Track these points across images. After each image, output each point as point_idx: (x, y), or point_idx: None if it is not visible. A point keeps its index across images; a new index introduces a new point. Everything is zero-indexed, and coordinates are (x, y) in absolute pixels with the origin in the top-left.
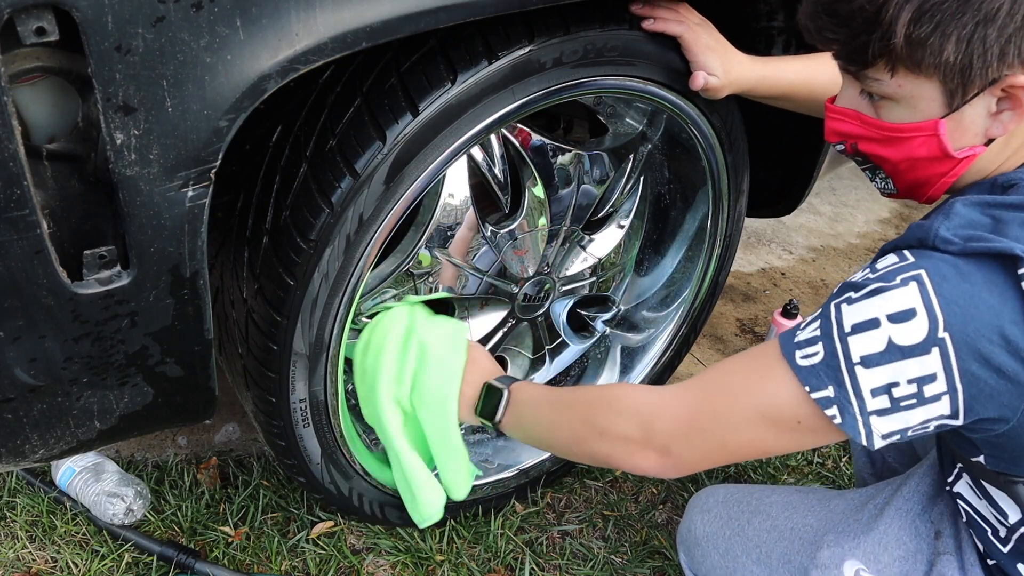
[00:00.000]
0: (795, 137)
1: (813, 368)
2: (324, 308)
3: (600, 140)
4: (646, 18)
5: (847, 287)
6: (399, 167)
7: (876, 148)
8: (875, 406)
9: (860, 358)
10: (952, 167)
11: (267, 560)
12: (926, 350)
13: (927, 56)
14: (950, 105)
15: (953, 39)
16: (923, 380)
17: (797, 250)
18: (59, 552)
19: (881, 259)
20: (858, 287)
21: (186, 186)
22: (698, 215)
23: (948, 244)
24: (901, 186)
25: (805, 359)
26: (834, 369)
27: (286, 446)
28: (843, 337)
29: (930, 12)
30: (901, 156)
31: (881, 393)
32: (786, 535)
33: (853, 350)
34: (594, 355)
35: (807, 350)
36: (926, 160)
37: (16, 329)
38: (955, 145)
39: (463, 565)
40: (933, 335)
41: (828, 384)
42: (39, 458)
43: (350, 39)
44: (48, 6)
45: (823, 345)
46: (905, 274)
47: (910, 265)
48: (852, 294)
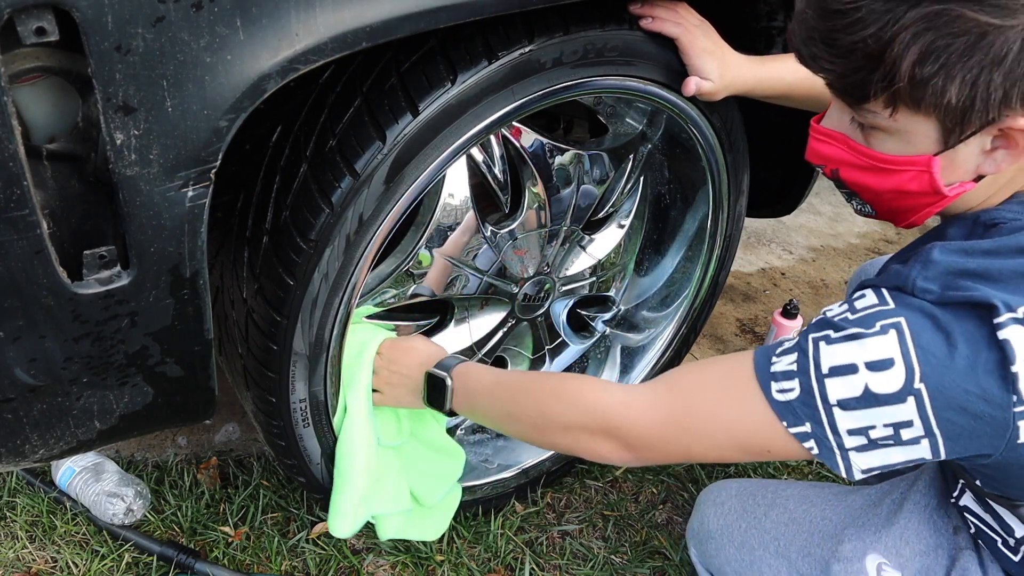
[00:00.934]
0: (795, 137)
1: (789, 404)
2: (324, 308)
3: (600, 140)
4: (644, 17)
5: (825, 324)
6: (399, 167)
7: (860, 176)
8: (853, 444)
9: (836, 400)
10: (939, 200)
11: (267, 560)
12: (901, 399)
13: (928, 96)
14: (945, 143)
15: (958, 81)
16: (899, 425)
17: (797, 250)
18: (59, 552)
19: (860, 298)
20: (837, 327)
21: (186, 186)
22: (698, 215)
23: (926, 293)
24: (880, 211)
25: (781, 393)
26: (811, 408)
27: (286, 446)
28: (820, 378)
29: (936, 53)
30: (888, 187)
31: (858, 434)
32: (805, 528)
33: (830, 392)
34: (594, 355)
35: (783, 384)
36: (914, 193)
37: (16, 329)
38: (946, 180)
39: (463, 565)
40: (909, 385)
41: (805, 421)
42: (39, 458)
43: (350, 39)
44: (48, 6)
45: (799, 382)
46: (884, 320)
47: (890, 312)
48: (831, 333)
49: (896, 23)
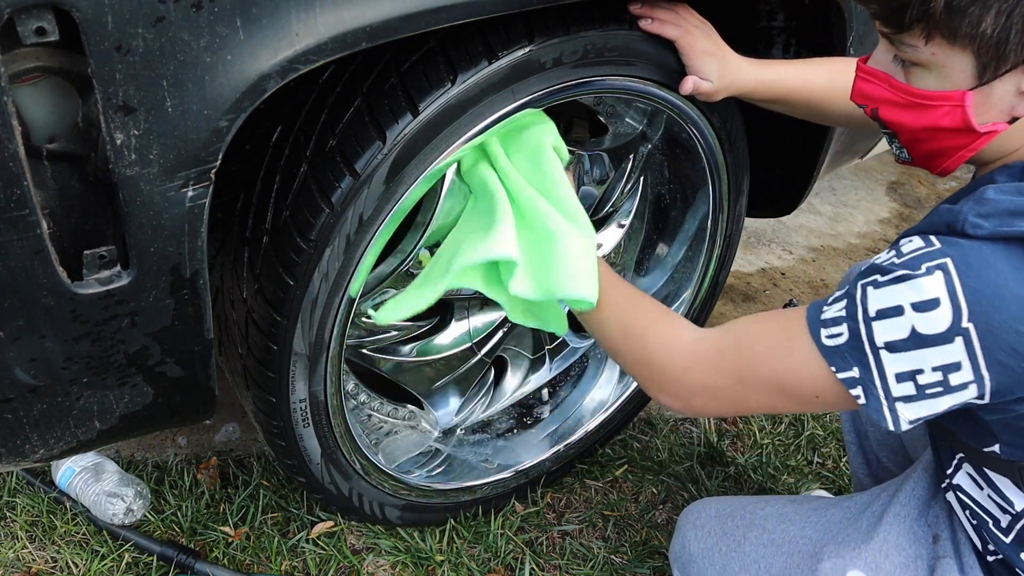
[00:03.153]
0: (795, 137)
1: (838, 348)
2: (324, 308)
3: (600, 140)
4: (644, 18)
5: (873, 269)
6: (399, 167)
7: (898, 114)
8: (900, 392)
9: (884, 343)
10: (972, 141)
11: (267, 560)
12: (948, 339)
13: (964, 25)
14: (980, 78)
15: (993, 11)
16: (948, 368)
17: (797, 250)
18: (59, 552)
19: (907, 242)
20: (884, 271)
21: (186, 186)
22: (698, 215)
23: (977, 228)
24: (916, 155)
25: (830, 339)
26: (859, 351)
27: (286, 446)
28: (867, 321)
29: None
30: (923, 124)
31: (906, 379)
32: (784, 548)
33: (877, 335)
34: (594, 355)
35: (832, 329)
36: (948, 131)
37: (16, 329)
38: (979, 119)
39: (463, 565)
40: (956, 325)
41: (853, 365)
42: (39, 458)
43: (350, 39)
44: (48, 6)
45: (847, 326)
46: (931, 262)
47: (936, 252)
48: (879, 277)
49: None
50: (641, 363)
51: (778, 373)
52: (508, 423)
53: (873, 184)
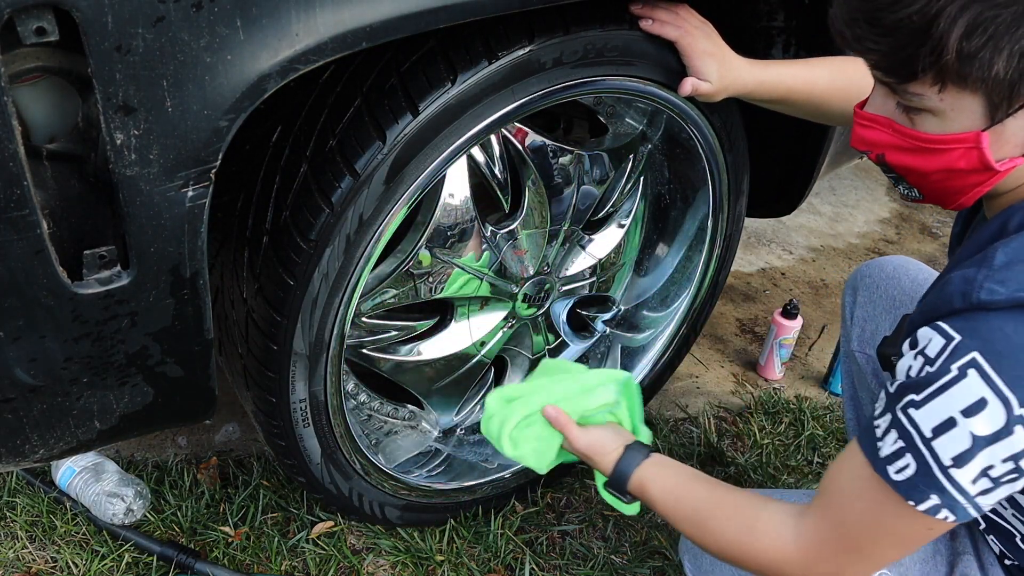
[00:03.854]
0: (795, 137)
1: (911, 481)
2: (324, 308)
3: (600, 140)
4: (644, 19)
5: (906, 389)
6: (399, 167)
7: (907, 159)
8: (978, 490)
9: (951, 460)
10: (989, 178)
11: (267, 560)
12: (1010, 431)
13: (976, 70)
14: (992, 117)
15: (1005, 53)
16: (1017, 456)
17: (797, 250)
18: (59, 552)
19: (927, 343)
20: (918, 387)
21: (186, 186)
22: (698, 215)
23: (993, 294)
24: (928, 194)
25: (899, 473)
26: (930, 477)
27: (286, 446)
28: (927, 443)
29: (983, 25)
30: (936, 167)
31: (980, 478)
32: None
33: (942, 454)
34: (594, 355)
35: (898, 463)
36: (964, 172)
37: (16, 329)
38: (996, 156)
39: (463, 565)
40: (1011, 415)
41: (931, 494)
42: (39, 458)
43: (350, 39)
44: (48, 6)
45: (912, 457)
46: (959, 361)
47: (960, 348)
48: (914, 397)
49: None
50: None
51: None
52: None
53: (873, 184)
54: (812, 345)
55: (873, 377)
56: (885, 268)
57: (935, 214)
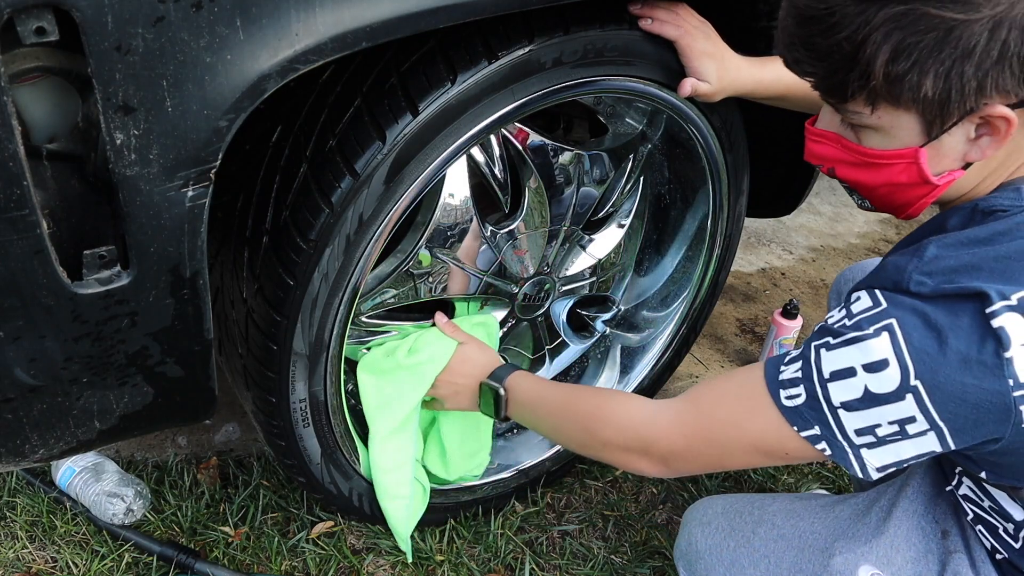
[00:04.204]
0: (795, 137)
1: (797, 409)
2: (324, 308)
3: (600, 140)
4: (644, 19)
5: (825, 331)
6: (399, 167)
7: (854, 173)
8: (862, 442)
9: (840, 403)
10: (931, 191)
11: (267, 560)
12: (900, 397)
13: (905, 91)
14: (929, 134)
15: (931, 75)
16: (903, 421)
17: (797, 250)
18: (59, 552)
19: (856, 301)
20: (835, 333)
21: (186, 186)
22: (698, 215)
23: (921, 286)
24: (878, 206)
25: (789, 400)
26: (817, 411)
27: (286, 446)
28: (823, 383)
29: (907, 50)
30: (880, 181)
31: (866, 433)
32: (794, 544)
33: (833, 395)
34: (594, 355)
35: (791, 391)
36: (905, 185)
37: (16, 329)
38: (934, 170)
39: (463, 565)
40: (905, 383)
41: (814, 424)
42: (39, 458)
43: (350, 39)
44: (48, 6)
45: (804, 388)
46: (877, 324)
47: (882, 312)
48: (830, 339)
49: (867, 25)
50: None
51: (746, 435)
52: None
53: None
54: None
55: None
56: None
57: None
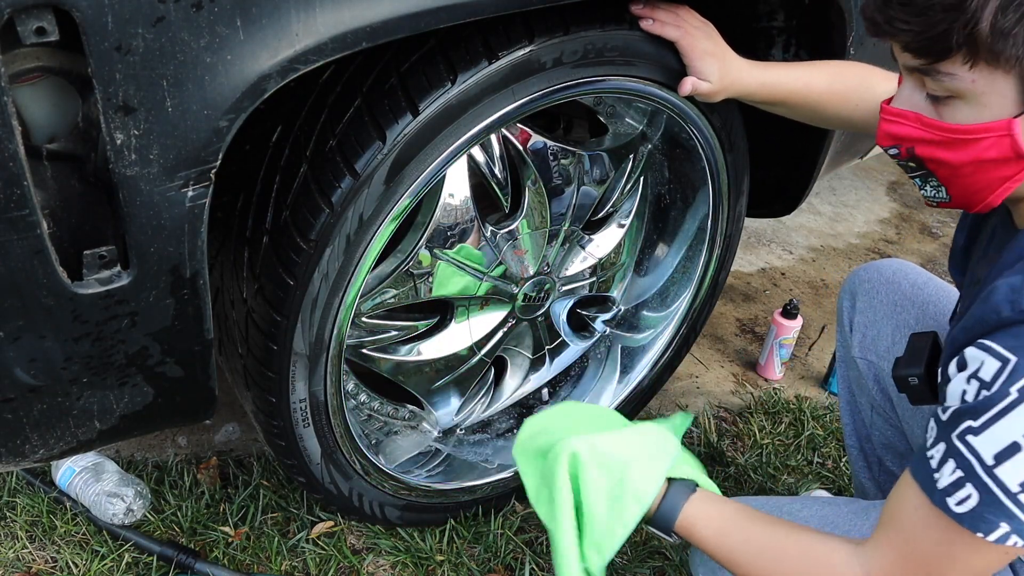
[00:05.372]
0: (795, 137)
1: (975, 512)
2: (324, 308)
3: (600, 140)
4: (645, 19)
5: (962, 415)
6: (399, 167)
7: (937, 151)
8: None
9: (1019, 486)
10: (1020, 170)
11: (267, 560)
12: None
13: (1009, 47)
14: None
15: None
16: None
17: (797, 250)
18: (59, 552)
19: (979, 367)
20: (975, 412)
21: (186, 186)
22: (698, 215)
23: None
24: (956, 192)
25: (960, 505)
26: (996, 505)
27: (286, 446)
28: (990, 471)
29: (1018, 1)
30: (966, 159)
31: None
32: None
33: (1007, 480)
34: (594, 355)
35: (958, 495)
36: (994, 162)
37: (16, 329)
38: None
39: (463, 565)
40: None
41: (999, 522)
42: (39, 458)
43: (350, 39)
44: (48, 6)
45: (974, 487)
46: (1019, 383)
47: (1018, 368)
48: (972, 423)
49: None
50: None
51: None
52: (508, 423)
53: (873, 184)
54: (812, 345)
55: (874, 383)
56: (883, 272)
57: (935, 214)
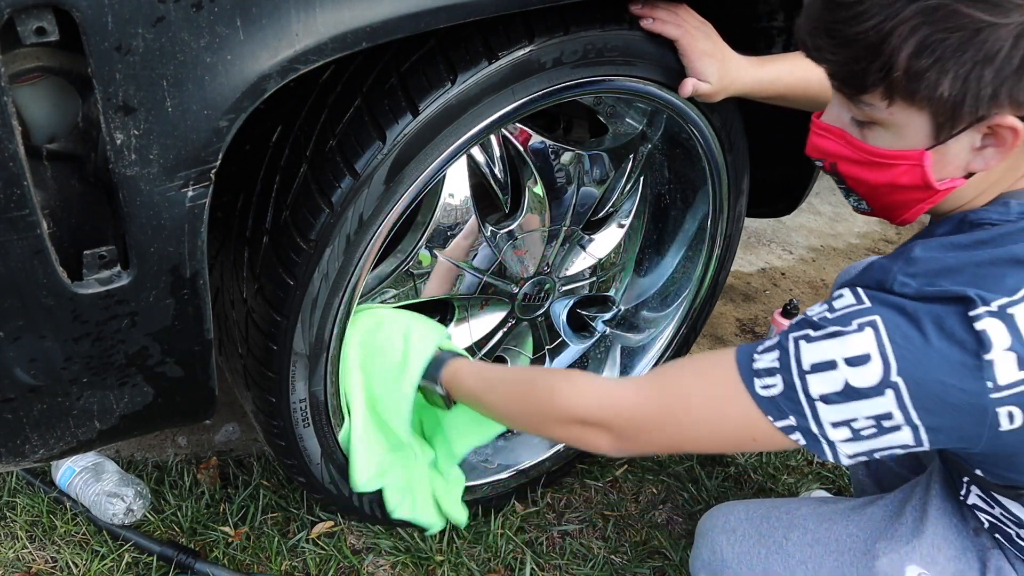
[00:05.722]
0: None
1: (773, 400)
2: (324, 308)
3: (600, 140)
4: (644, 18)
5: (805, 323)
6: (399, 167)
7: (856, 170)
8: (837, 436)
9: (819, 395)
10: (930, 196)
11: (267, 560)
12: (880, 392)
13: (923, 88)
14: (937, 137)
15: (950, 75)
16: (880, 417)
17: (797, 250)
18: (59, 552)
19: (839, 298)
20: (816, 326)
21: (186, 186)
22: (698, 215)
23: (905, 287)
24: (875, 207)
25: (765, 389)
26: (795, 402)
27: (286, 446)
28: (802, 374)
29: (932, 46)
30: (882, 181)
31: (841, 426)
32: (832, 548)
33: (812, 388)
34: (594, 355)
35: (766, 380)
36: (907, 188)
37: (16, 329)
38: (937, 176)
39: (463, 565)
40: (887, 378)
41: (789, 415)
42: (39, 458)
43: (350, 39)
44: (48, 6)
45: (782, 377)
46: (861, 319)
47: (866, 310)
48: (811, 332)
49: (895, 16)
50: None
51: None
52: None
53: None
54: None
55: None
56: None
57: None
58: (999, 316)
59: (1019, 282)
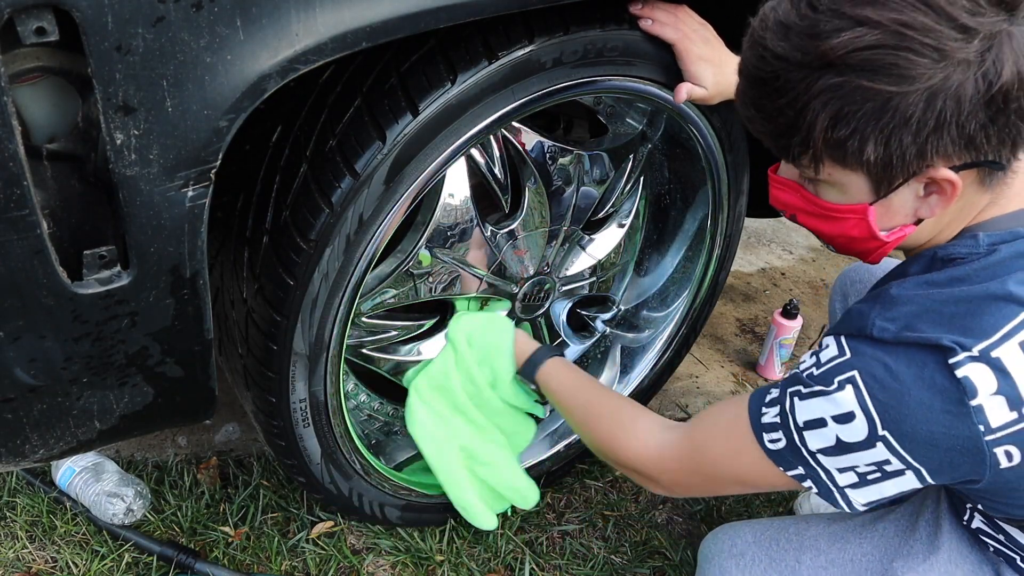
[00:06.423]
0: None
1: (780, 453)
2: (324, 308)
3: (600, 140)
4: (643, 19)
5: (797, 379)
6: (399, 167)
7: (813, 222)
8: (845, 481)
9: (817, 450)
10: (881, 246)
11: (267, 560)
12: (872, 444)
13: (849, 155)
14: (877, 193)
15: (872, 141)
16: (880, 463)
17: (797, 250)
18: (59, 552)
19: (825, 349)
20: (804, 383)
21: (186, 186)
22: (698, 215)
23: (884, 332)
24: (840, 251)
25: (772, 443)
26: (798, 455)
27: (286, 446)
28: (798, 431)
29: (846, 118)
30: (836, 232)
31: (847, 471)
32: (848, 569)
33: (810, 443)
34: (594, 355)
35: (772, 435)
36: (858, 239)
37: (16, 329)
38: (885, 226)
39: (463, 565)
40: (874, 433)
41: (798, 465)
42: (39, 458)
43: (350, 39)
44: (48, 6)
45: (783, 434)
46: (841, 375)
47: (846, 364)
48: (801, 388)
49: (807, 92)
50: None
51: (735, 472)
52: None
53: None
54: (812, 345)
55: None
56: (873, 271)
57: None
58: (983, 360)
59: (998, 320)
